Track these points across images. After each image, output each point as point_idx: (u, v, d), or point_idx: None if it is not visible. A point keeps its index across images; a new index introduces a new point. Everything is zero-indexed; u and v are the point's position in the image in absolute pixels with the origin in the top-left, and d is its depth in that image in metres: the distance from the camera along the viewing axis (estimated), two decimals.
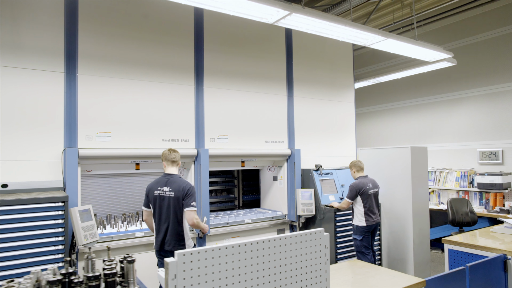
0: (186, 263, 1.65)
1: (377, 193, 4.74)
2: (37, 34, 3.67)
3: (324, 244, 2.11)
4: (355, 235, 4.61)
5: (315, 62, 5.84)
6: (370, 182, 4.68)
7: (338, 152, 5.98)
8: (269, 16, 3.74)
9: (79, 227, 3.42)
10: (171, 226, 3.37)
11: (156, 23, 4.38)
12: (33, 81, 3.64)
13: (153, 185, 3.52)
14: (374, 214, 4.60)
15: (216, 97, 4.79)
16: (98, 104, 3.98)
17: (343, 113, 6.14)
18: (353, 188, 4.59)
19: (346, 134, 6.14)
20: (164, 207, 3.40)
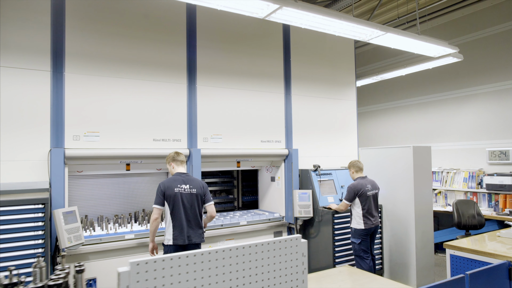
0: (141, 273, 1.51)
1: (376, 195, 4.54)
2: (22, 32, 3.60)
3: (301, 252, 1.96)
4: (353, 239, 4.43)
5: (315, 59, 5.66)
6: (369, 183, 4.49)
7: (338, 152, 5.79)
8: (259, 10, 3.59)
9: (63, 230, 3.34)
10: (195, 221, 3.58)
11: (146, 20, 4.28)
12: (19, 80, 3.57)
13: (170, 183, 3.56)
14: (373, 217, 4.41)
15: (209, 95, 4.66)
16: (86, 103, 3.90)
17: (344, 111, 5.94)
18: (351, 190, 4.41)
19: (347, 133, 5.94)
20: (187, 203, 3.55)
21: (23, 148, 3.56)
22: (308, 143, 5.50)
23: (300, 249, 1.95)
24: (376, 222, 4.44)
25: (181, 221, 3.53)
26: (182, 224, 3.53)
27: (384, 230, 5.17)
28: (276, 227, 5.09)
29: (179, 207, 3.55)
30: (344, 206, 4.47)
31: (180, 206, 3.55)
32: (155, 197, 3.56)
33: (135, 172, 4.36)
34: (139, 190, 4.77)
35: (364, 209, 4.36)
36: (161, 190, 3.54)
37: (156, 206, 3.54)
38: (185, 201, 3.56)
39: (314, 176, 5.15)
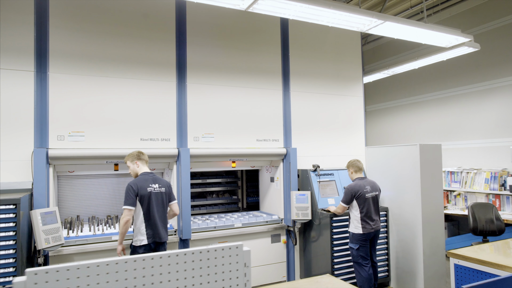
0: (39, 284, 1.37)
1: (377, 197, 4.21)
2: (5, 32, 3.61)
3: (242, 261, 1.75)
4: (351, 244, 4.12)
5: (316, 53, 5.38)
6: (368, 185, 4.17)
7: (343, 151, 5.47)
8: (240, 2, 3.40)
9: (40, 230, 3.30)
10: (164, 219, 3.61)
11: (134, 18, 4.20)
12: (2, 81, 3.58)
13: (142, 183, 3.51)
14: (373, 221, 4.09)
15: (201, 93, 4.52)
16: (71, 103, 3.86)
17: (349, 108, 5.61)
18: (348, 191, 4.11)
19: (353, 131, 5.60)
20: (158, 202, 3.56)
21: (8, 149, 3.56)
22: (309, 142, 5.23)
23: (241, 258, 1.75)
24: (376, 227, 4.12)
25: (155, 220, 3.51)
26: (156, 223, 3.51)
27: (391, 235, 4.81)
28: (274, 230, 4.87)
29: (152, 207, 3.51)
30: (341, 208, 4.19)
31: (153, 206, 3.52)
32: (126, 198, 3.42)
33: (123, 172, 4.28)
34: None
35: (362, 212, 4.05)
36: (133, 191, 3.44)
37: (129, 207, 3.41)
38: (157, 200, 3.56)
39: (313, 176, 4.88)
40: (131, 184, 3.49)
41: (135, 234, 3.52)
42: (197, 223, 4.50)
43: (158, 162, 4.30)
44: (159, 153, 4.18)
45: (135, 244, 3.50)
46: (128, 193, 3.44)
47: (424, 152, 4.45)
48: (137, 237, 3.50)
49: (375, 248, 4.24)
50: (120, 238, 3.47)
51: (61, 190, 4.40)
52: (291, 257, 4.94)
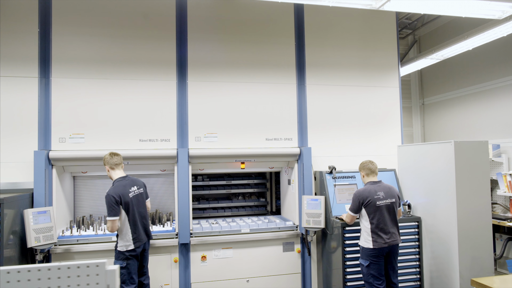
0: None
1: (393, 205, 3.52)
2: (11, 42, 3.87)
3: (104, 283, 1.46)
4: (361, 260, 3.52)
5: (339, 40, 4.78)
6: (381, 190, 3.51)
7: (372, 151, 4.77)
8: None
9: (30, 229, 3.45)
10: (145, 220, 3.60)
11: (132, 18, 4.19)
12: (10, 88, 3.84)
13: (122, 191, 3.41)
14: (387, 234, 3.42)
15: (202, 91, 4.32)
16: (72, 106, 3.99)
17: (381, 101, 4.87)
18: (355, 197, 3.51)
19: (385, 128, 4.86)
20: (139, 204, 3.56)
21: (14, 151, 3.81)
22: (330, 141, 4.67)
23: (103, 279, 1.46)
24: (392, 241, 3.44)
25: (138, 223, 3.50)
26: (139, 225, 3.51)
27: (424, 250, 4.02)
28: (287, 238, 4.44)
29: (135, 211, 3.48)
30: (349, 218, 3.60)
31: (135, 209, 3.49)
32: (110, 210, 3.31)
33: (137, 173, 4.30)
34: None
35: (372, 223, 3.42)
36: (116, 201, 3.33)
37: (113, 218, 3.31)
38: (138, 203, 3.55)
39: (329, 179, 4.32)
40: (113, 194, 3.35)
41: (120, 240, 3.43)
42: (201, 227, 4.32)
43: (158, 164, 4.21)
44: (157, 154, 4.10)
45: (121, 249, 3.41)
46: (111, 204, 3.32)
47: (461, 151, 3.59)
48: (123, 243, 3.42)
49: (393, 267, 3.55)
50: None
51: (77, 190, 4.60)
52: (307, 269, 4.45)
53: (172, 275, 4.12)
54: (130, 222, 3.42)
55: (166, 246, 4.10)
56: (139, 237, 3.47)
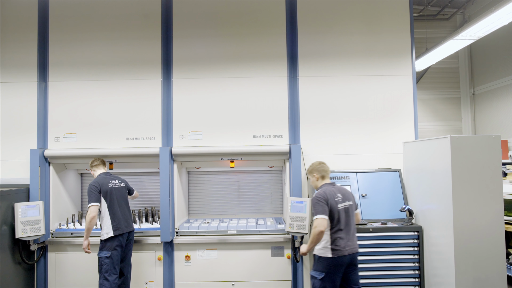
0: None
1: (350, 207, 3.08)
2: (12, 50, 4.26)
3: None
4: (314, 272, 3.04)
5: (337, 25, 4.32)
6: (339, 192, 3.11)
7: (376, 149, 4.22)
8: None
9: (18, 221, 3.75)
10: (126, 211, 3.83)
11: (119, 20, 4.30)
12: (12, 92, 4.24)
13: (102, 181, 3.73)
14: (348, 240, 2.99)
15: (187, 88, 4.27)
16: (65, 107, 4.25)
17: (390, 92, 4.28)
18: (320, 199, 3.01)
19: (394, 122, 4.25)
20: (119, 196, 3.79)
21: (15, 149, 4.19)
22: (326, 138, 4.25)
23: None
24: (352, 249, 3.00)
25: (118, 213, 3.71)
26: (119, 215, 3.70)
27: (425, 267, 3.41)
28: (276, 242, 4.14)
29: (114, 201, 3.71)
30: (322, 224, 2.99)
31: (115, 199, 3.72)
32: (90, 196, 3.59)
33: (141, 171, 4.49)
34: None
35: (333, 228, 2.99)
36: (96, 188, 3.64)
37: (94, 203, 3.58)
38: (118, 194, 3.77)
39: None
40: (93, 183, 3.68)
41: (102, 229, 3.65)
42: (189, 226, 4.26)
43: (143, 162, 4.27)
44: (142, 152, 4.16)
45: (103, 238, 3.63)
46: (91, 191, 3.62)
47: (460, 148, 2.95)
48: (104, 231, 3.63)
49: (352, 280, 3.05)
50: (86, 233, 3.60)
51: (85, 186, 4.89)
52: (299, 277, 4.11)
53: (157, 273, 4.14)
54: (110, 210, 3.65)
55: (152, 243, 4.13)
56: (118, 225, 3.66)
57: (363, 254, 3.45)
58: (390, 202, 3.79)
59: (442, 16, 6.63)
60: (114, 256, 3.59)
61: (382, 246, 3.47)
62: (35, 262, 4.09)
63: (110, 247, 3.59)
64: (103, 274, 3.55)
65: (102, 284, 3.53)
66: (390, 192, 3.86)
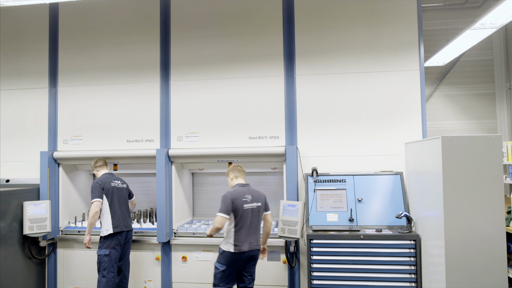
0: None
1: (259, 209, 3.32)
2: (25, 59, 4.56)
3: None
4: (218, 263, 3.30)
5: (336, 20, 4.11)
6: (249, 193, 3.32)
7: (379, 150, 3.95)
8: None
9: (26, 219, 4.01)
10: (126, 210, 3.97)
11: (120, 26, 4.43)
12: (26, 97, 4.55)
13: (106, 180, 3.89)
14: (250, 238, 3.25)
15: (184, 90, 4.30)
16: (73, 111, 4.48)
17: (395, 89, 3.99)
18: (226, 198, 3.22)
19: (399, 121, 3.95)
20: (120, 196, 3.94)
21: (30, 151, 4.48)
22: (325, 139, 4.06)
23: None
24: (254, 246, 3.28)
25: (118, 211, 3.84)
26: (119, 214, 3.84)
27: (424, 279, 3.12)
28: (273, 246, 4.03)
29: (115, 199, 3.86)
30: (219, 222, 3.15)
31: (116, 198, 3.86)
32: (93, 193, 3.75)
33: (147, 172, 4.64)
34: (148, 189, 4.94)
35: (236, 225, 3.23)
36: (99, 185, 3.82)
37: (97, 199, 3.74)
38: (119, 194, 3.92)
39: (311, 183, 3.76)
40: (96, 181, 3.87)
41: (102, 226, 3.79)
42: (188, 227, 4.29)
43: (144, 163, 4.36)
44: (141, 154, 4.26)
45: (102, 235, 3.76)
46: (94, 188, 3.79)
47: (452, 149, 2.66)
48: (104, 228, 3.77)
49: (251, 274, 3.39)
50: (89, 228, 3.75)
51: None
52: (296, 282, 3.97)
53: (155, 272, 4.22)
54: (110, 208, 3.80)
55: (151, 243, 4.22)
56: (118, 223, 3.79)
57: (352, 263, 3.24)
58: (389, 208, 3.53)
59: (473, 4, 6.07)
60: (113, 254, 3.71)
61: (375, 255, 3.23)
62: (45, 257, 4.36)
63: (109, 246, 3.71)
64: (101, 271, 3.68)
65: (100, 281, 3.66)
66: (389, 197, 3.59)
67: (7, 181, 4.47)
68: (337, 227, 3.45)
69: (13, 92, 4.59)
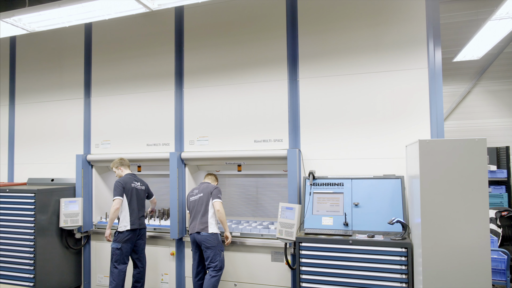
0: None
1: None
2: (66, 73, 5.21)
3: None
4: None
5: (341, 21, 4.05)
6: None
7: (384, 153, 3.81)
8: None
9: (62, 213, 4.61)
10: (142, 211, 4.33)
11: (139, 40, 4.84)
12: (66, 108, 5.20)
13: (126, 180, 4.26)
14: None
15: (196, 97, 4.57)
16: (102, 118, 5.01)
17: (401, 89, 3.81)
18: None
19: (406, 123, 3.77)
20: (139, 197, 4.32)
21: (71, 154, 5.11)
22: (329, 141, 4.02)
23: None
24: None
25: (136, 210, 4.22)
26: (137, 212, 4.22)
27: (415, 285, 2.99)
28: (276, 247, 4.12)
29: (134, 199, 4.22)
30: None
31: (135, 198, 4.23)
32: (115, 191, 4.15)
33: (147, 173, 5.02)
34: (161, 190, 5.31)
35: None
36: (121, 184, 4.20)
37: (118, 197, 4.15)
38: (138, 194, 4.28)
39: (308, 186, 3.77)
40: (119, 180, 4.26)
41: (121, 222, 4.18)
42: None
43: (159, 165, 4.72)
44: (158, 157, 4.62)
45: (120, 230, 4.15)
46: (117, 186, 4.19)
47: (430, 153, 2.52)
48: (122, 224, 4.16)
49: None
50: (109, 223, 4.18)
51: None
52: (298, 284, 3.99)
53: (171, 267, 4.56)
54: (129, 206, 4.18)
55: (168, 239, 4.56)
56: (134, 221, 4.18)
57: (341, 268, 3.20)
58: (386, 213, 3.40)
59: None
60: (124, 248, 4.10)
61: (365, 261, 3.16)
62: (81, 248, 4.95)
63: (121, 240, 4.10)
64: (113, 262, 4.09)
65: (112, 271, 4.08)
66: (388, 202, 3.46)
67: (52, 180, 5.16)
68: (330, 231, 3.43)
69: (55, 103, 5.28)
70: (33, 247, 4.33)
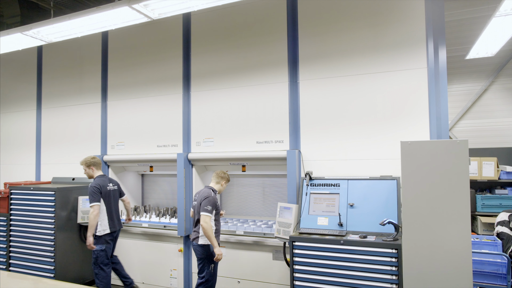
0: None
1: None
2: (85, 79, 5.57)
3: None
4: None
5: (341, 23, 4.08)
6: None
7: (384, 153, 3.80)
8: None
9: (79, 210, 4.93)
10: (117, 211, 4.46)
11: (150, 46, 5.10)
12: (85, 112, 5.55)
13: (103, 183, 4.28)
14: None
15: (202, 100, 4.75)
16: (118, 121, 5.31)
17: (400, 89, 3.79)
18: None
19: (406, 123, 3.74)
20: (114, 198, 4.41)
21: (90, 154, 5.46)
22: (329, 142, 4.06)
23: None
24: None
25: (113, 212, 4.34)
26: (114, 214, 4.33)
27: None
28: (277, 246, 4.21)
29: (111, 202, 4.33)
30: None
31: (111, 201, 4.34)
32: (93, 197, 4.12)
33: (159, 173, 5.26)
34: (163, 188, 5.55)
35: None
36: (98, 190, 4.15)
37: (97, 203, 4.13)
38: (114, 196, 4.39)
39: (305, 186, 3.83)
40: (94, 184, 4.19)
41: (99, 226, 4.19)
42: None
43: (167, 165, 4.95)
44: (166, 158, 4.84)
45: (99, 234, 4.18)
46: (94, 192, 4.13)
47: (411, 155, 2.53)
48: (101, 228, 4.20)
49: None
50: (91, 231, 4.09)
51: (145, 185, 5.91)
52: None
53: (179, 263, 4.77)
54: (107, 210, 4.26)
55: (176, 237, 4.78)
56: (113, 224, 4.31)
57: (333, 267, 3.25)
58: (381, 214, 3.40)
59: None
60: (108, 249, 4.23)
61: (356, 261, 3.19)
62: None
63: (104, 242, 4.19)
64: (99, 265, 4.14)
65: (98, 273, 4.13)
66: (383, 203, 3.46)
67: (73, 179, 5.53)
68: (324, 231, 3.48)
69: (76, 107, 5.66)
70: (53, 241, 4.69)
